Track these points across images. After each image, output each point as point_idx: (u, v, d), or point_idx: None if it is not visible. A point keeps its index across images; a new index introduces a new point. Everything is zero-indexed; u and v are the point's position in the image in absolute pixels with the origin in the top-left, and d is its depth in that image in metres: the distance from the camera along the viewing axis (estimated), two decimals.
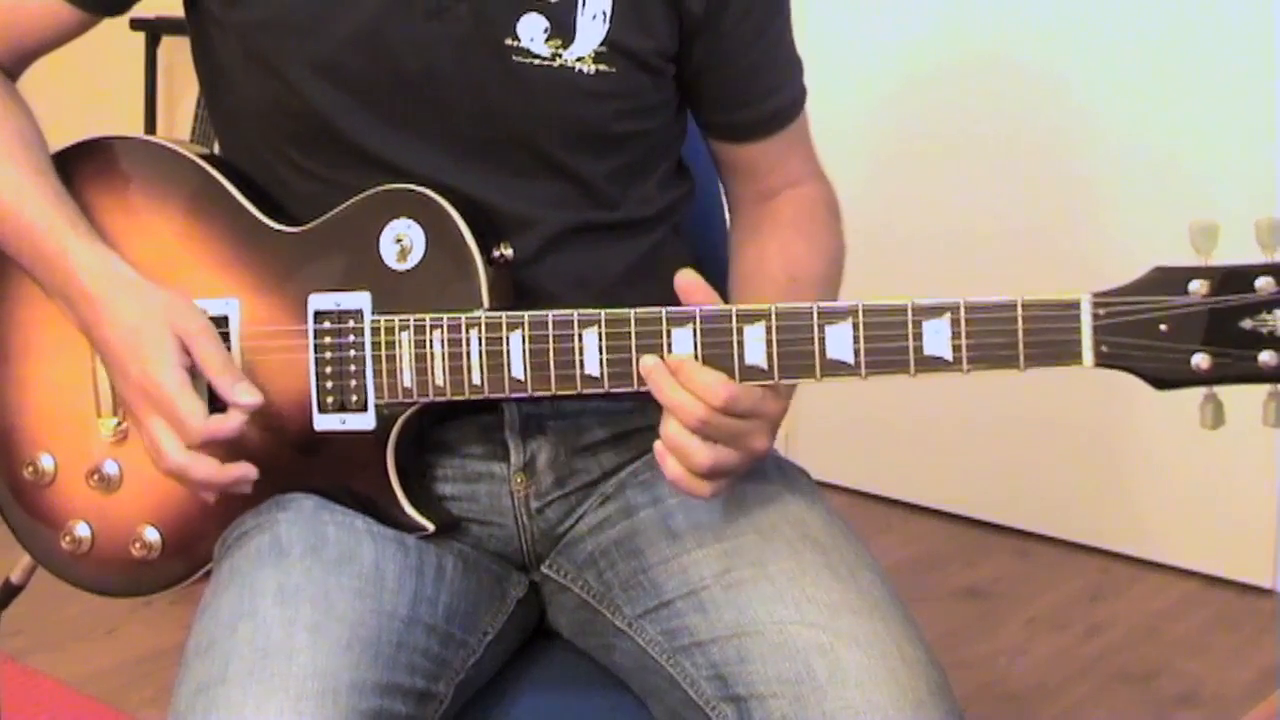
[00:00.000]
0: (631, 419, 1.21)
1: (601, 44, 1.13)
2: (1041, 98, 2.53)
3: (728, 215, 1.30)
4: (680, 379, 1.02)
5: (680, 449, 1.03)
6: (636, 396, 1.08)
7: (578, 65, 1.13)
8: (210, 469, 1.09)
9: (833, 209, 1.28)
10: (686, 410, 1.01)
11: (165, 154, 1.20)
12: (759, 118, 1.23)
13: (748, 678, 1.02)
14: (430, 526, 1.13)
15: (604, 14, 1.13)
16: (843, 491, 2.77)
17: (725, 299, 1.08)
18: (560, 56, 1.12)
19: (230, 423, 1.09)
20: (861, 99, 2.70)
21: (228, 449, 1.10)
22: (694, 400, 1.01)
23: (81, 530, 1.20)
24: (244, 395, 1.09)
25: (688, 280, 1.04)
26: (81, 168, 1.20)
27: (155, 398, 1.09)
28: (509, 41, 1.12)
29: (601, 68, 1.13)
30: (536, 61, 1.12)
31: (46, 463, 1.20)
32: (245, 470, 1.10)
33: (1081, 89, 2.49)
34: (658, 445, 1.04)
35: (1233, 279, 0.92)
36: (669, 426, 1.03)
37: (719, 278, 1.43)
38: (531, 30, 1.12)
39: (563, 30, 1.12)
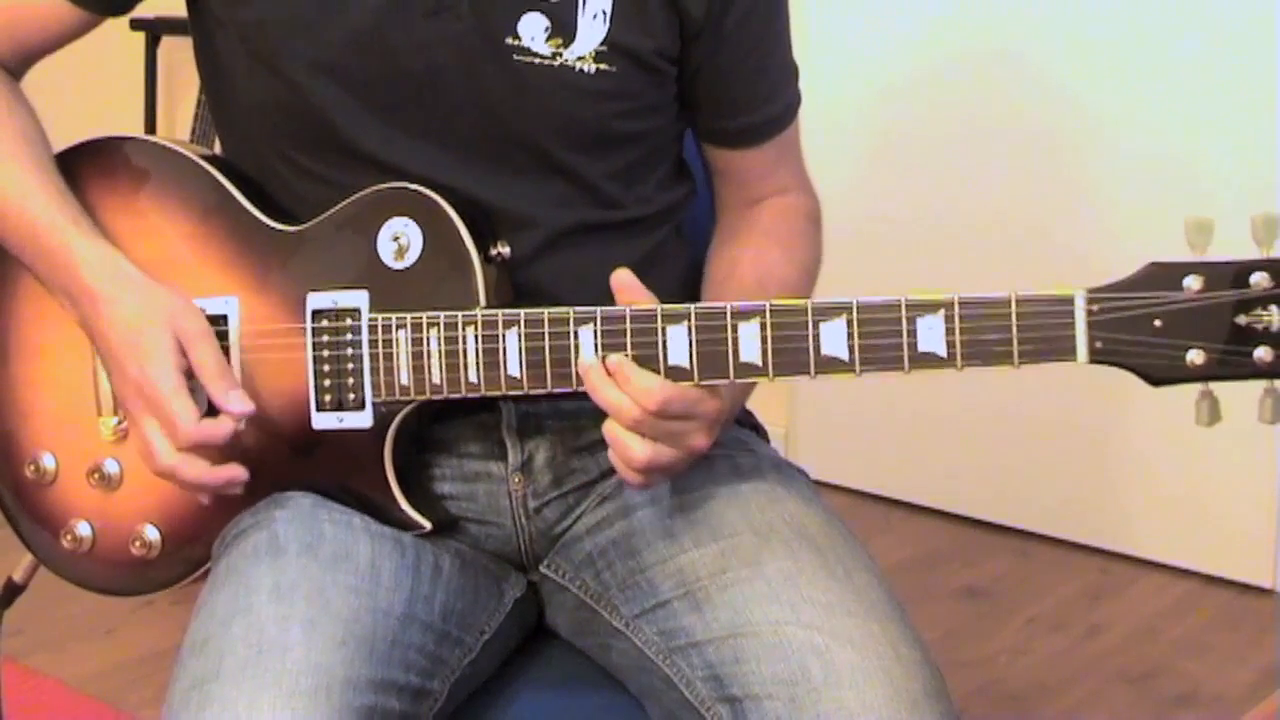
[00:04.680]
0: None
1: (602, 43, 1.13)
2: (1038, 93, 2.53)
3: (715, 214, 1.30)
4: (617, 381, 1.04)
5: (618, 445, 1.04)
6: None
7: (578, 65, 1.13)
8: (200, 471, 1.10)
9: (813, 219, 1.28)
10: (623, 412, 1.03)
11: (166, 154, 1.20)
12: (751, 125, 1.23)
13: (743, 678, 1.02)
14: (427, 525, 1.14)
15: (604, 13, 1.13)
16: (843, 491, 2.76)
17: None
18: (561, 56, 1.13)
19: (221, 428, 1.09)
20: (859, 94, 2.70)
21: (223, 448, 1.10)
22: (630, 403, 1.03)
23: (82, 529, 1.20)
24: (235, 403, 1.09)
25: (621, 280, 1.05)
26: (83, 168, 1.20)
27: (150, 398, 1.09)
28: (510, 41, 1.12)
29: (602, 67, 1.13)
30: (537, 61, 1.12)
31: (48, 462, 1.21)
32: (235, 472, 1.11)
33: (1078, 84, 2.49)
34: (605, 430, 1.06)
35: (1227, 275, 0.92)
36: (608, 424, 1.05)
37: None
38: (532, 29, 1.12)
39: (564, 29, 1.12)
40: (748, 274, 1.20)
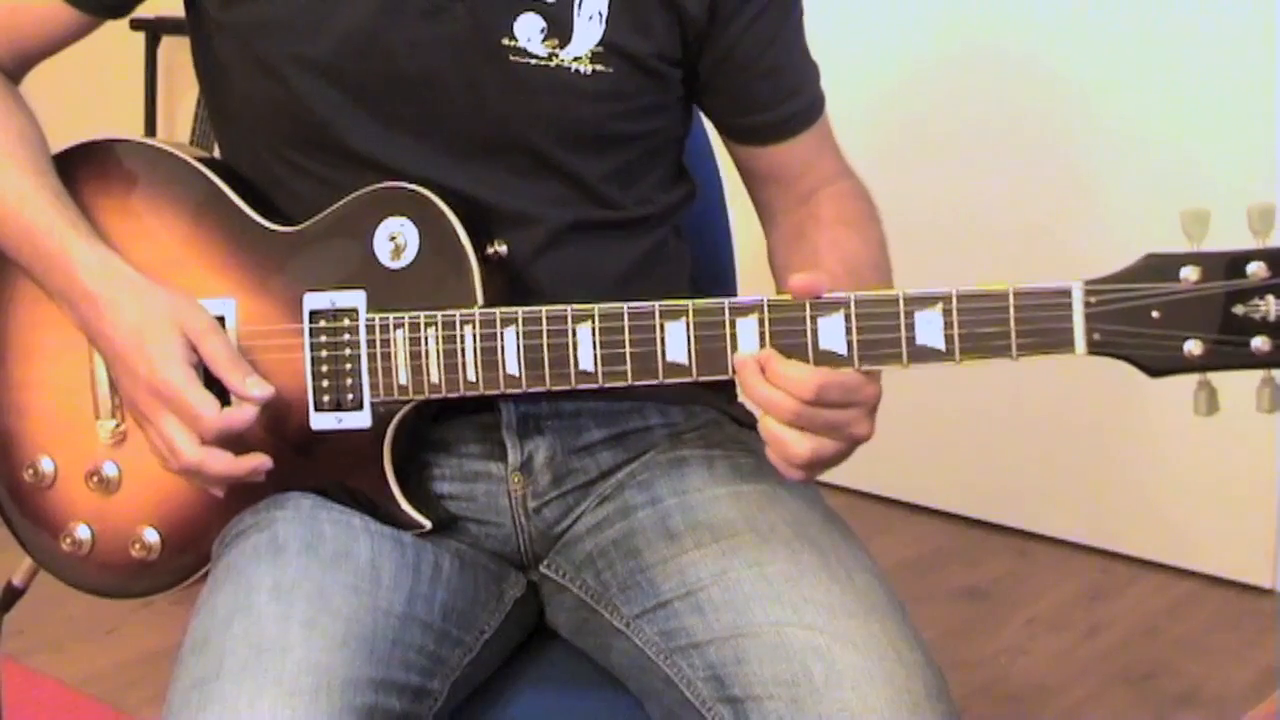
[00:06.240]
0: (629, 419, 1.21)
1: (598, 44, 1.13)
2: (1035, 87, 2.52)
3: (763, 227, 1.27)
4: (766, 375, 1.00)
5: (776, 443, 1.00)
6: (632, 394, 1.08)
7: (574, 65, 1.13)
8: (225, 463, 1.09)
9: (871, 200, 1.27)
10: (778, 406, 0.99)
11: (162, 156, 1.20)
12: (781, 118, 1.23)
13: (744, 679, 1.02)
14: (427, 524, 1.14)
15: (601, 15, 1.13)
16: (843, 491, 2.76)
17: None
18: (557, 56, 1.13)
19: (244, 414, 1.09)
20: (857, 92, 2.69)
21: (231, 447, 1.10)
22: (784, 395, 0.99)
23: (81, 532, 1.20)
24: (255, 388, 1.10)
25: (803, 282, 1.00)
26: (80, 169, 1.20)
27: (166, 395, 1.09)
28: (506, 41, 1.12)
29: (598, 68, 1.13)
30: (533, 62, 1.13)
31: (46, 465, 1.21)
32: (260, 460, 1.10)
33: (1075, 78, 2.48)
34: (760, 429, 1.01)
35: (1224, 265, 0.92)
36: (765, 421, 1.01)
37: (719, 278, 1.44)
38: (528, 30, 1.12)
39: (560, 30, 1.12)
40: (834, 264, 1.15)
